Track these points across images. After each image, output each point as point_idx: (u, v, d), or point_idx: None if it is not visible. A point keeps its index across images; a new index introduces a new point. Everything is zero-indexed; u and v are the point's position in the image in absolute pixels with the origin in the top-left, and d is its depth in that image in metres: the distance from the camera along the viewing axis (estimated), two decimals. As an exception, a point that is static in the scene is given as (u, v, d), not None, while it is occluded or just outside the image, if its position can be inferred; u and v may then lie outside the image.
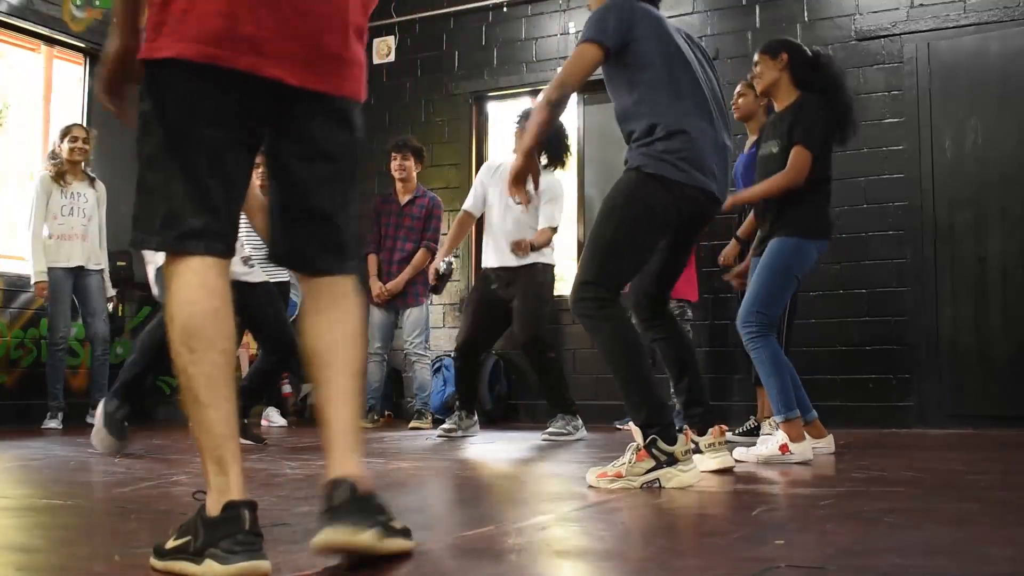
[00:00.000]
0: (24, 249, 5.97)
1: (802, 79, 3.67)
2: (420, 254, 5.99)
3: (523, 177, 2.85)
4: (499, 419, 6.67)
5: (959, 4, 5.92)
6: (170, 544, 1.49)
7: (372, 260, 6.19)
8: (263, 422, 6.39)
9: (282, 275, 6.14)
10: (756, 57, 3.80)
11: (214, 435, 1.48)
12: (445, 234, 6.51)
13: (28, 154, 6.55)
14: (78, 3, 6.36)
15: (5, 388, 5.74)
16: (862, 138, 5.89)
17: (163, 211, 1.55)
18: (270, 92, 1.59)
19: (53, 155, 5.68)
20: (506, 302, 5.06)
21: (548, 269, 5.12)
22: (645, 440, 2.68)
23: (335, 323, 1.65)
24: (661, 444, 2.66)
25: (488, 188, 5.24)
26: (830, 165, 3.69)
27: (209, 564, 1.38)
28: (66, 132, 5.67)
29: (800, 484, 2.88)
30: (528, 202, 3.24)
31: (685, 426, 3.06)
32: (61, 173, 5.63)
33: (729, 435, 4.66)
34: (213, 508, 1.44)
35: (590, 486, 2.68)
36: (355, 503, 1.51)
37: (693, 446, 2.98)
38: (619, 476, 2.66)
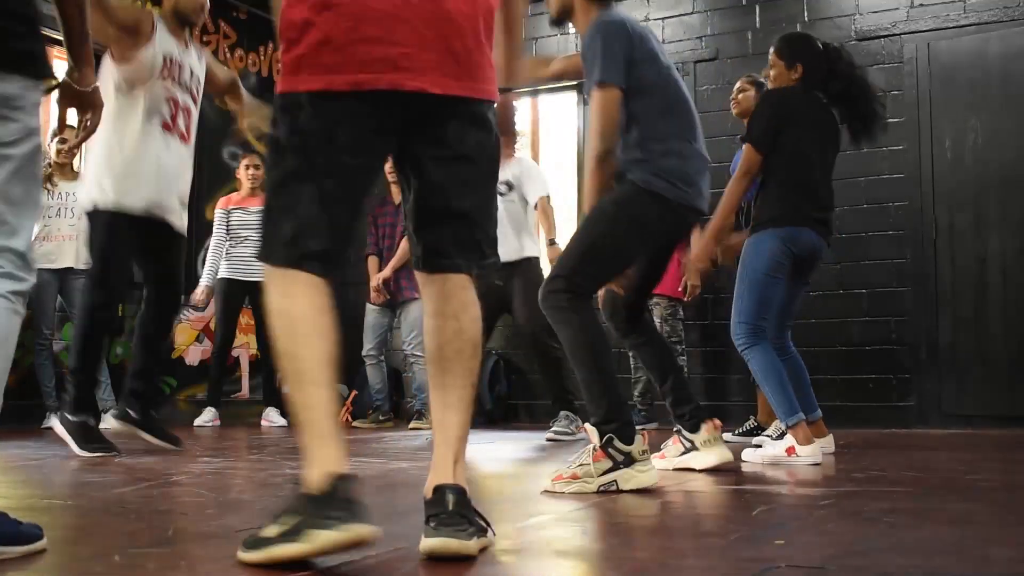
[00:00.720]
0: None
1: (812, 84, 3.67)
2: (407, 244, 5.91)
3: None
4: (499, 419, 6.68)
5: (959, 4, 5.92)
6: (272, 531, 1.48)
7: (372, 262, 6.20)
8: (263, 422, 6.39)
9: None
10: (772, 56, 3.77)
11: (322, 411, 1.55)
12: None
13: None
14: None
15: (5, 388, 5.74)
16: (862, 138, 5.91)
17: (289, 231, 1.62)
18: (411, 104, 1.65)
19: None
20: (498, 292, 5.07)
21: (535, 261, 5.18)
22: (601, 439, 2.61)
23: (461, 330, 1.72)
24: (618, 443, 2.60)
25: None
26: (805, 157, 3.60)
27: (322, 534, 1.42)
28: (55, 133, 5.67)
29: (800, 484, 2.88)
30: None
31: (642, 427, 3.09)
32: (47, 176, 5.62)
33: (729, 435, 4.68)
34: (315, 483, 1.48)
35: (544, 490, 2.59)
36: (462, 512, 1.59)
37: (688, 444, 2.99)
38: (575, 478, 2.59)
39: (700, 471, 3.03)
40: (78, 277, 5.58)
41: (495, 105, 1.79)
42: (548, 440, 4.75)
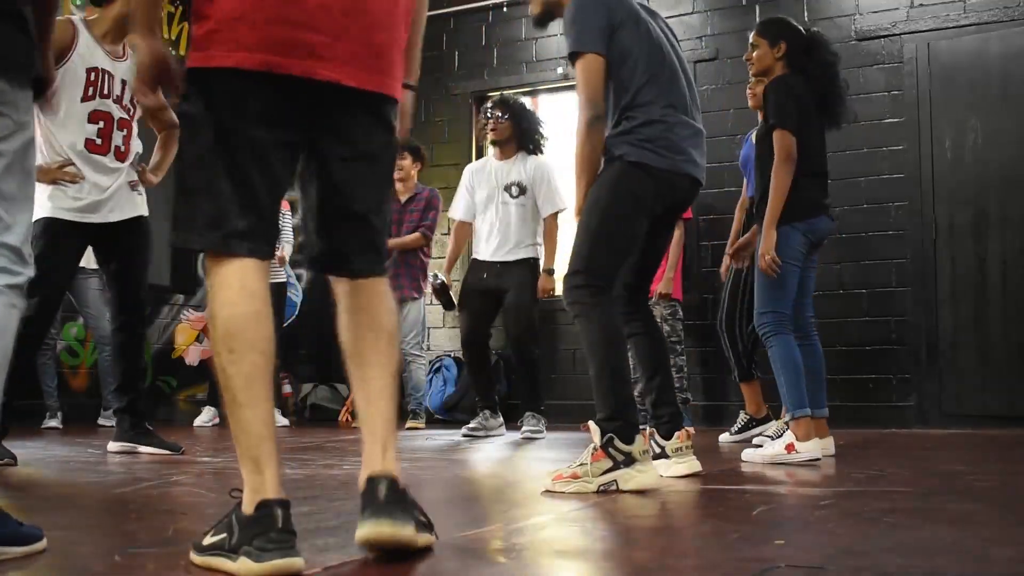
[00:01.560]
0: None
1: (795, 63, 3.66)
2: (413, 236, 5.85)
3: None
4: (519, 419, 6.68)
5: (959, 4, 5.92)
6: (207, 540, 1.51)
7: None
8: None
9: (279, 276, 6.15)
10: (753, 38, 3.77)
11: (250, 435, 1.51)
12: (446, 234, 6.52)
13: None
14: (78, 3, 6.35)
15: (5, 388, 5.74)
16: (862, 138, 5.91)
17: (209, 211, 1.56)
18: (322, 94, 1.61)
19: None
20: (496, 291, 5.08)
21: (534, 266, 5.16)
22: (602, 439, 2.60)
23: (374, 323, 1.68)
24: (618, 443, 2.58)
25: (477, 189, 5.26)
26: (816, 146, 3.62)
27: (243, 561, 1.40)
28: None
29: (800, 484, 2.88)
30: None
31: (647, 427, 3.02)
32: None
33: (726, 436, 4.69)
34: (248, 507, 1.46)
35: (545, 490, 2.58)
36: (395, 500, 1.54)
37: (658, 449, 2.91)
38: (576, 477, 2.58)
39: (660, 475, 2.92)
40: (88, 276, 5.58)
41: (399, 104, 1.76)
42: (524, 438, 4.84)
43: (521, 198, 5.17)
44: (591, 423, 2.67)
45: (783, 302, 3.54)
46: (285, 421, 6.45)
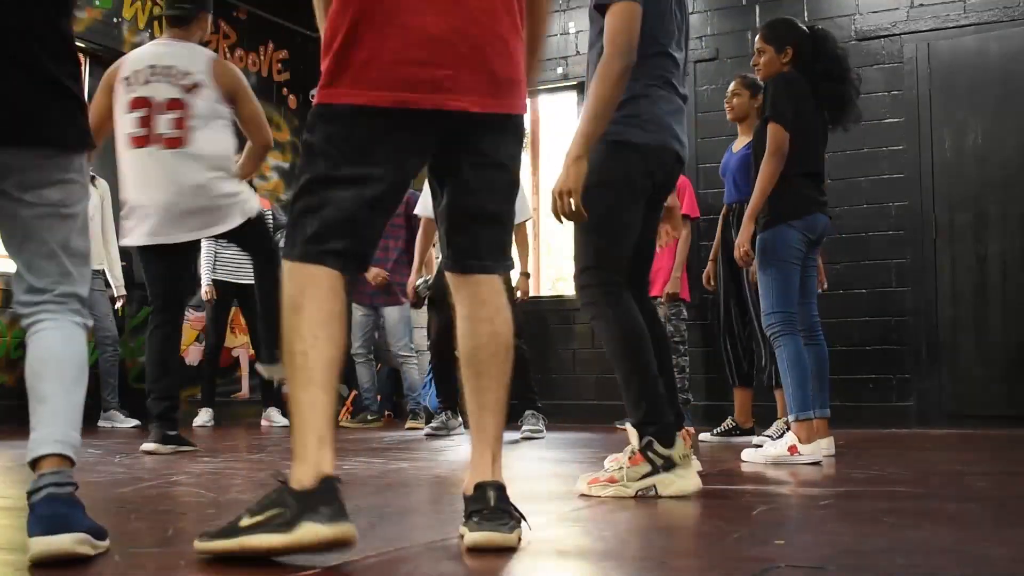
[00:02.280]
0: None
1: (804, 64, 3.65)
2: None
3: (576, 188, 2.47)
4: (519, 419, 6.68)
5: (959, 4, 5.92)
6: (249, 521, 1.52)
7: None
8: (264, 422, 6.40)
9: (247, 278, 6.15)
10: (759, 43, 3.73)
11: (321, 414, 1.59)
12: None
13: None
14: (78, 3, 6.35)
15: (5, 388, 5.74)
16: (862, 138, 5.91)
17: (312, 229, 1.67)
18: (451, 121, 1.72)
19: None
20: None
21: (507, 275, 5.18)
22: (641, 442, 2.50)
23: (495, 335, 1.79)
24: (657, 447, 2.48)
25: None
26: (814, 145, 3.60)
27: (308, 527, 1.46)
28: None
29: (800, 484, 2.88)
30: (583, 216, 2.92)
31: (686, 427, 2.91)
32: None
33: (706, 435, 4.71)
34: (307, 480, 1.52)
35: (581, 494, 2.51)
36: (503, 507, 1.68)
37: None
38: (612, 482, 2.49)
39: (700, 481, 2.94)
40: (95, 278, 5.59)
41: (521, 117, 1.87)
42: (523, 438, 4.83)
43: None
44: (628, 425, 2.58)
45: (789, 302, 3.53)
46: (285, 421, 6.44)
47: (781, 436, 3.62)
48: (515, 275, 5.33)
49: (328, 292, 1.65)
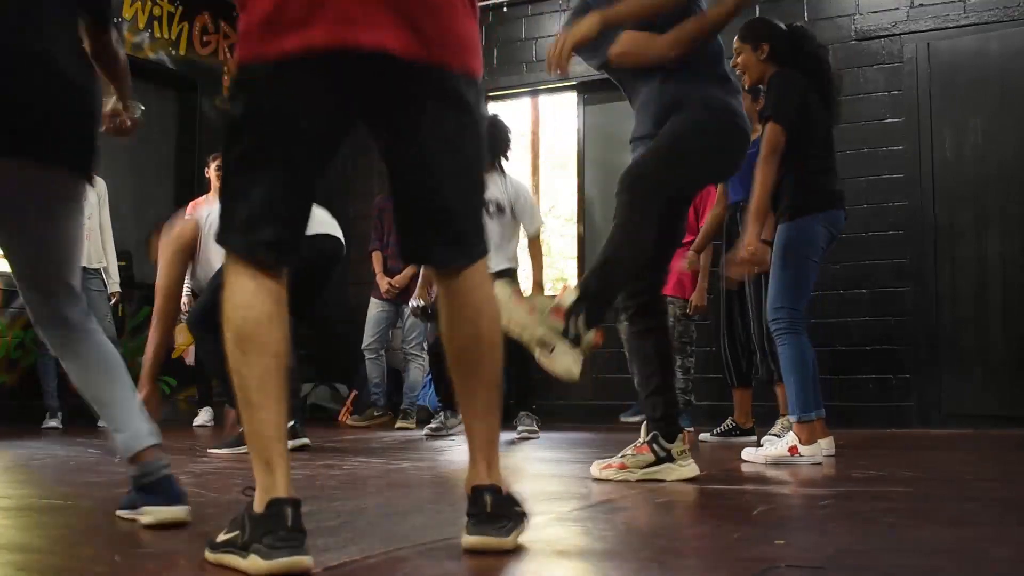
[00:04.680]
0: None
1: (784, 62, 3.61)
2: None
3: (582, 42, 2.69)
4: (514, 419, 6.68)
5: (959, 4, 5.92)
6: (221, 537, 1.53)
7: (376, 257, 6.18)
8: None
9: None
10: (736, 43, 3.65)
11: (262, 436, 1.50)
12: None
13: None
14: (78, 3, 6.35)
15: (5, 388, 5.74)
16: (862, 138, 5.91)
17: (243, 216, 1.54)
18: (371, 69, 1.51)
19: None
20: None
21: (511, 275, 5.14)
22: (648, 435, 2.81)
23: (480, 335, 1.67)
24: (661, 440, 2.80)
25: None
26: (821, 137, 3.56)
27: (253, 559, 1.42)
28: None
29: (800, 484, 2.88)
30: (563, 71, 2.86)
31: (685, 427, 3.04)
32: None
33: (706, 435, 4.71)
34: (259, 505, 1.47)
35: (595, 478, 2.81)
36: (500, 511, 1.64)
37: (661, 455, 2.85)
38: (623, 467, 2.81)
39: (697, 469, 2.95)
40: (91, 277, 5.61)
41: (478, 83, 1.64)
42: (518, 438, 4.83)
43: (498, 216, 5.12)
44: (637, 419, 2.86)
45: (800, 300, 3.47)
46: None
47: (782, 436, 3.62)
48: (525, 280, 5.31)
49: (254, 294, 1.53)
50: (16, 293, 5.91)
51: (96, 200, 5.80)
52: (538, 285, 5.16)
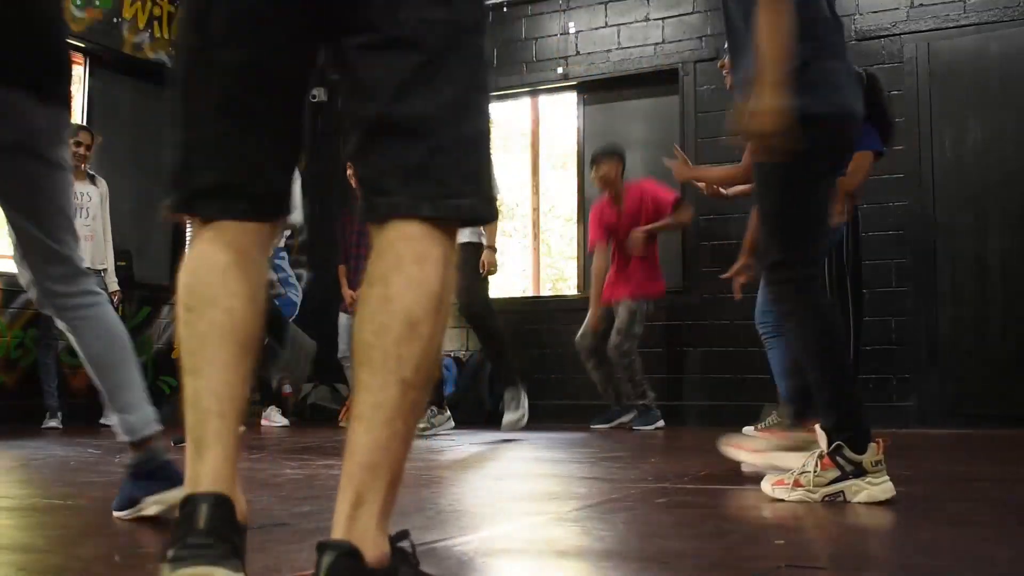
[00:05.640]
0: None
1: None
2: None
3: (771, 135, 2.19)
4: (499, 419, 6.67)
5: (959, 4, 5.92)
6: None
7: (342, 271, 6.41)
8: (263, 422, 6.40)
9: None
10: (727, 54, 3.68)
11: (195, 409, 1.16)
12: None
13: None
14: (78, 3, 6.35)
15: (5, 388, 5.74)
16: (862, 138, 5.91)
17: (176, 162, 1.24)
18: None
19: None
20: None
21: (477, 248, 5.18)
22: (830, 446, 2.36)
23: (390, 297, 1.12)
24: (847, 452, 2.33)
25: None
26: None
27: (163, 570, 1.07)
28: (72, 135, 5.69)
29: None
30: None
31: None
32: None
33: (751, 428, 4.69)
34: (184, 500, 1.14)
35: (771, 498, 2.40)
36: None
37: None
38: (798, 485, 2.37)
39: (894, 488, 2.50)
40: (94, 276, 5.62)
41: None
42: (504, 433, 4.81)
43: None
44: (817, 427, 2.45)
45: None
46: (285, 421, 6.45)
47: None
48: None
49: (208, 244, 1.21)
50: (16, 293, 5.94)
51: (99, 200, 5.81)
52: (489, 248, 5.19)
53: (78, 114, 6.52)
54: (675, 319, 6.52)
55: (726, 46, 2.89)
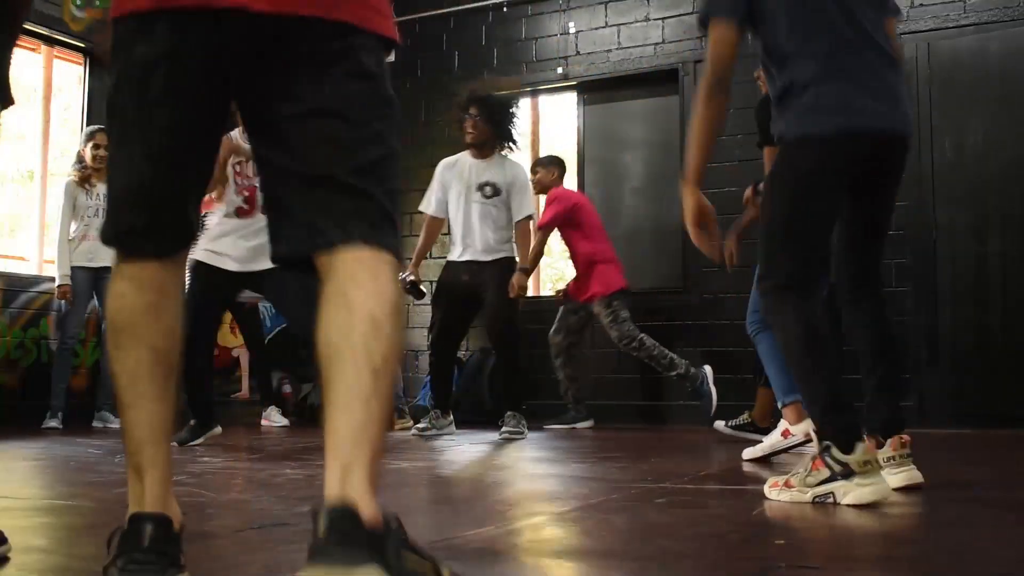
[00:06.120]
0: (26, 249, 6.00)
1: None
2: None
3: (703, 215, 2.56)
4: (499, 415, 6.68)
5: (959, 4, 5.92)
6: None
7: None
8: (263, 422, 6.40)
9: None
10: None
11: (131, 438, 1.32)
12: (407, 235, 6.54)
13: (28, 154, 6.55)
14: (78, 3, 6.35)
15: (5, 388, 5.74)
16: (862, 138, 5.91)
17: (111, 204, 1.36)
18: (236, 33, 1.26)
19: (79, 159, 5.75)
20: (475, 290, 5.06)
21: (510, 263, 5.13)
22: (820, 447, 2.38)
23: (351, 305, 1.23)
24: (835, 452, 2.33)
25: (449, 186, 5.22)
26: None
27: None
28: (90, 137, 5.72)
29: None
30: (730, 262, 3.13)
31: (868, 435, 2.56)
32: (86, 177, 5.72)
33: (721, 423, 4.70)
34: (127, 519, 1.31)
35: (766, 498, 2.44)
36: (334, 539, 1.09)
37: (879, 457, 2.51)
38: (789, 486, 2.40)
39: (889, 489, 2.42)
40: (107, 276, 5.63)
41: (378, 41, 1.33)
42: (501, 439, 4.78)
43: (495, 199, 5.10)
44: (811, 430, 2.53)
45: None
46: (285, 421, 6.45)
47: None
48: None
49: (130, 282, 1.34)
50: (16, 293, 5.95)
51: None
52: (521, 270, 5.11)
53: (78, 114, 6.52)
54: (675, 319, 6.53)
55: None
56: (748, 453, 3.56)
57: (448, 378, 5.30)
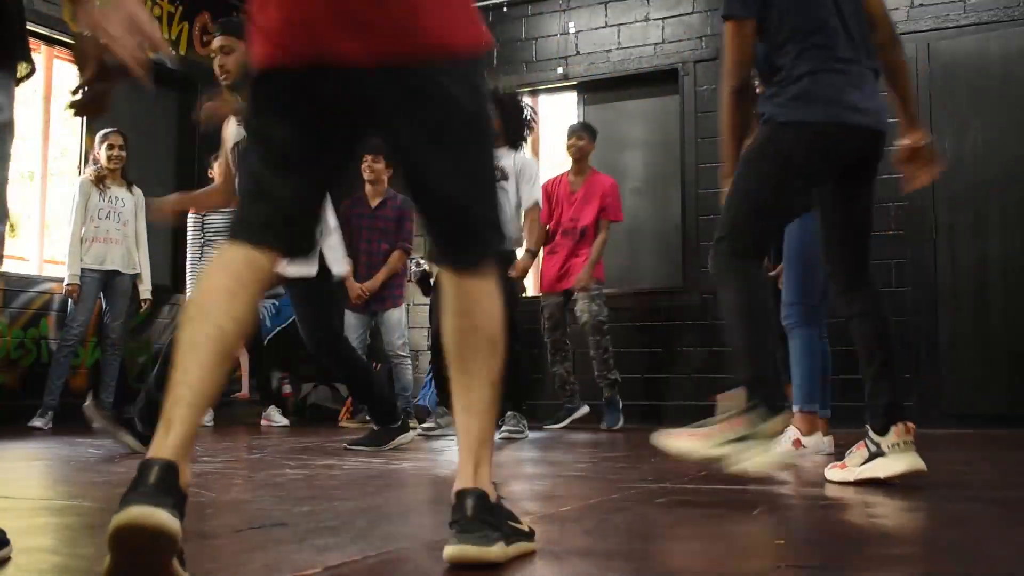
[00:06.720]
0: (27, 249, 6.00)
1: None
2: (396, 255, 6.01)
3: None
4: (499, 419, 6.68)
5: (959, 4, 5.92)
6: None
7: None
8: (263, 422, 6.40)
9: None
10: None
11: (173, 394, 1.39)
12: (420, 236, 6.54)
13: (28, 154, 6.55)
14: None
15: (5, 388, 5.74)
16: (862, 138, 5.91)
17: (239, 209, 1.60)
18: (345, 82, 1.53)
19: (93, 160, 5.77)
20: None
21: (514, 255, 5.13)
22: (745, 405, 2.51)
23: (476, 328, 1.60)
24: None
25: None
26: None
27: (115, 516, 1.27)
28: (104, 139, 5.72)
29: (801, 484, 2.88)
30: None
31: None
32: (101, 178, 5.73)
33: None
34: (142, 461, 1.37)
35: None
36: (482, 516, 1.51)
37: (872, 448, 2.70)
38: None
39: (884, 479, 2.63)
40: (122, 279, 5.67)
41: (457, 60, 1.61)
42: (501, 439, 4.77)
43: (503, 183, 5.13)
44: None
45: (812, 294, 3.54)
46: (285, 421, 6.45)
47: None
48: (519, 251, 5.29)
49: (216, 266, 1.52)
50: (16, 293, 5.95)
51: (133, 208, 5.83)
52: (528, 252, 5.13)
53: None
54: (675, 319, 6.53)
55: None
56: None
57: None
